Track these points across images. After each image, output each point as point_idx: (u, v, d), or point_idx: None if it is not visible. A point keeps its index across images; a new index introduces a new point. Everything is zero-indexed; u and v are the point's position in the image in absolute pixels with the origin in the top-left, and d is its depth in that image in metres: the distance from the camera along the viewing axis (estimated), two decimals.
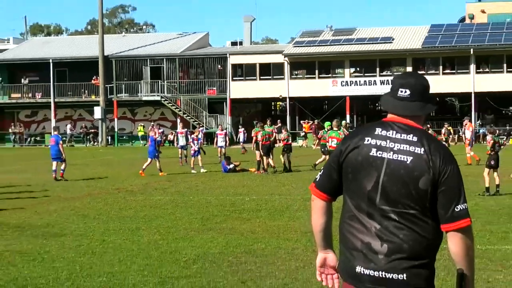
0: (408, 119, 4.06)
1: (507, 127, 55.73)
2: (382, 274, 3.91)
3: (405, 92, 4.08)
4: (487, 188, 19.05)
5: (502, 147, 20.52)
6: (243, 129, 50.25)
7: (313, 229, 4.16)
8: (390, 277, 3.90)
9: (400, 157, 3.94)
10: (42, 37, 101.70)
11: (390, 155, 3.95)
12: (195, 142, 31.33)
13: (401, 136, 3.99)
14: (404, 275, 3.90)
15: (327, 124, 31.54)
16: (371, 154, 3.97)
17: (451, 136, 51.99)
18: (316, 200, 4.13)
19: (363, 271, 3.95)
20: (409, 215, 3.90)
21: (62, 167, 26.30)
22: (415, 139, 3.97)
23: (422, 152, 3.92)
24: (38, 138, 65.83)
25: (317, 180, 4.14)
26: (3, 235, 13.41)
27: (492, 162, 19.20)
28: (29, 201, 19.47)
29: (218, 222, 14.79)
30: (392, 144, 3.97)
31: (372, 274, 3.93)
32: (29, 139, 65.52)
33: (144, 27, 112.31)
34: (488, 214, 15.39)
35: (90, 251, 11.60)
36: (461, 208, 3.90)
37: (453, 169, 3.92)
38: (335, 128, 26.15)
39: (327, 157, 23.34)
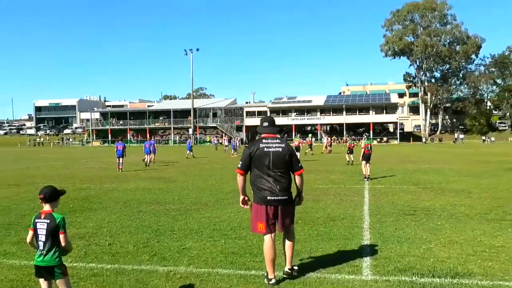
0: (271, 134, 4.10)
1: (359, 137, 55.43)
2: (279, 198, 3.96)
3: (266, 123, 4.15)
4: (351, 162, 18.84)
5: (354, 145, 20.35)
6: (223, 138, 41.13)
7: (238, 187, 4.14)
8: (282, 198, 3.96)
9: (277, 149, 4.00)
10: (168, 100, 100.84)
11: (272, 149, 4.00)
12: (236, 142, 32.39)
13: (273, 141, 4.04)
14: (287, 197, 3.98)
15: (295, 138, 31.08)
16: (265, 150, 4.00)
17: (334, 141, 51.79)
18: (239, 175, 4.08)
19: (271, 198, 3.96)
20: (285, 172, 3.99)
21: (187, 153, 26.65)
22: (279, 141, 4.06)
23: (284, 146, 4.03)
24: (166, 142, 65.17)
25: (239, 166, 4.08)
26: (151, 181, 13.30)
27: (348, 152, 19.11)
28: (161, 167, 19.33)
29: None
30: (272, 145, 4.02)
31: (275, 199, 3.96)
32: (162, 143, 64.88)
33: (210, 95, 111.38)
34: (352, 173, 15.21)
35: (186, 188, 11.47)
36: (300, 165, 4.06)
37: (295, 151, 4.07)
38: (298, 137, 26.68)
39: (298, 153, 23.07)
